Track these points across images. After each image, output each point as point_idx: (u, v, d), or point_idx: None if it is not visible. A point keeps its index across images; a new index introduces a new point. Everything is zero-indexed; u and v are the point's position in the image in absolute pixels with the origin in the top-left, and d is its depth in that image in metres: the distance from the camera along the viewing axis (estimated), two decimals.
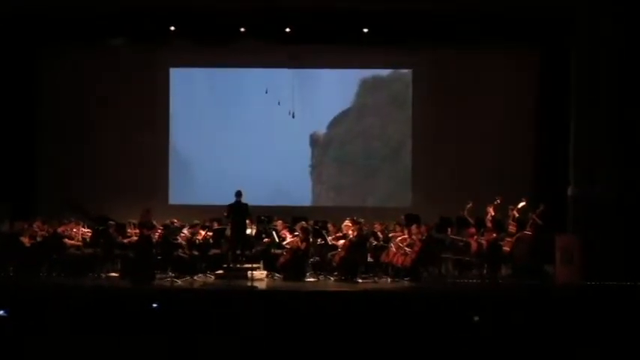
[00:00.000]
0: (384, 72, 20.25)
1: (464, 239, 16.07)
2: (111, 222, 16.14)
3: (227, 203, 15.70)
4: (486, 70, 19.36)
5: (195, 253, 15.89)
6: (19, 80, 19.27)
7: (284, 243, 16.15)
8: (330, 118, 20.22)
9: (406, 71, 20.21)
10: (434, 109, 19.75)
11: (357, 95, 20.20)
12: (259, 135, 19.80)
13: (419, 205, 18.88)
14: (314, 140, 20.13)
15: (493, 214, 15.46)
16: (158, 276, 15.28)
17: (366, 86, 20.19)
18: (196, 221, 16.56)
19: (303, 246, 15.71)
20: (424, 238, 15.52)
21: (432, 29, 18.34)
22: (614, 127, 16.58)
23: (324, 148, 20.23)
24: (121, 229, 16.24)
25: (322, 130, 20.19)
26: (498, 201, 15.48)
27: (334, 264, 15.91)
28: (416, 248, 15.38)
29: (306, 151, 20.18)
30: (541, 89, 19.11)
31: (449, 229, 16.40)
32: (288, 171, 19.77)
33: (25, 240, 15.65)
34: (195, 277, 15.44)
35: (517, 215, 15.45)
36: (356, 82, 20.18)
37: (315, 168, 20.26)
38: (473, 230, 15.93)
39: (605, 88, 16.62)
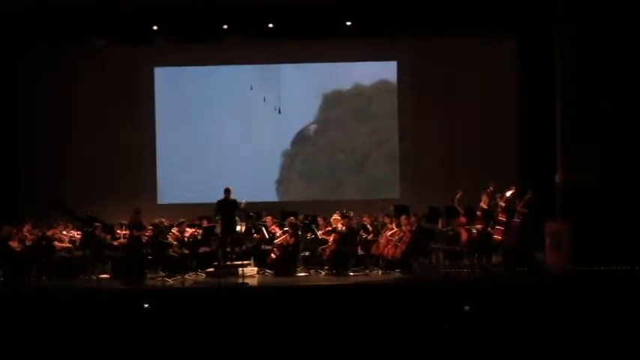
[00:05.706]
0: (346, 86, 20.09)
1: (453, 229, 16.06)
2: (97, 223, 16.08)
3: (215, 201, 15.68)
4: (470, 59, 19.40)
5: (186, 251, 15.86)
6: (1, 81, 19.17)
7: (275, 241, 16.07)
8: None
9: (368, 85, 20.10)
10: (418, 100, 19.77)
11: (320, 110, 20.15)
12: (245, 132, 19.82)
13: (407, 197, 18.89)
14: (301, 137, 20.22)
15: (488, 201, 15.41)
16: (149, 276, 15.28)
17: (328, 101, 20.13)
18: (182, 219, 16.48)
19: (292, 241, 15.69)
20: (414, 229, 15.52)
21: (414, 19, 18.44)
22: (600, 111, 16.58)
23: (291, 160, 20.28)
24: (109, 229, 16.20)
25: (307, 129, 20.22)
26: (491, 188, 15.45)
27: (325, 258, 15.91)
28: (406, 239, 15.38)
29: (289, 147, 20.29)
30: (524, 76, 19.16)
31: (439, 221, 16.39)
32: (272, 167, 19.97)
33: (15, 244, 15.54)
34: (186, 276, 15.41)
35: (504, 204, 15.40)
36: (318, 97, 20.11)
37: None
38: (463, 220, 15.87)
39: (589, 72, 16.61)
